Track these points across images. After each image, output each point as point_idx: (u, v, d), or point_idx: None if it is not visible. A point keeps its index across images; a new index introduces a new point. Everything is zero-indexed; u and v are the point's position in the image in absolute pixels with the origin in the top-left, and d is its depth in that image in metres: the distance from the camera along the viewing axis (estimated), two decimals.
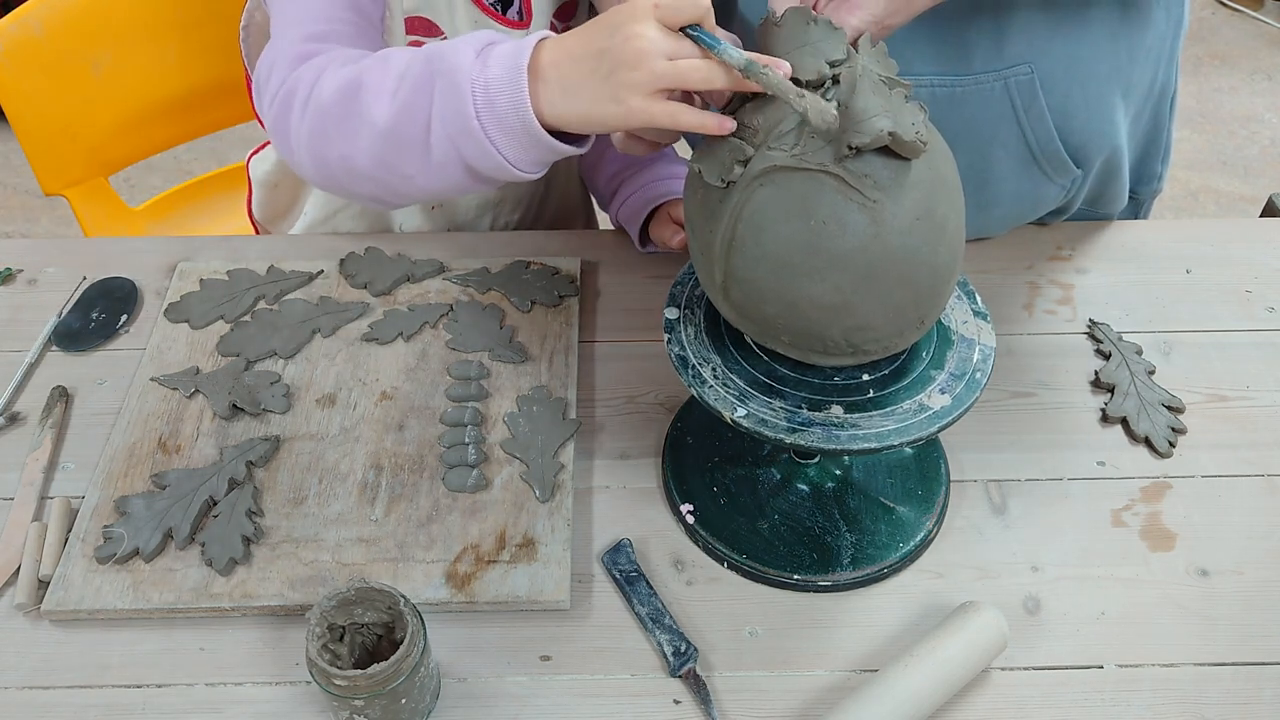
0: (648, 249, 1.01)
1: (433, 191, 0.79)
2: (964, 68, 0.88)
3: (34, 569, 0.77)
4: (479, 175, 0.74)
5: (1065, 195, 0.99)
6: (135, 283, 1.00)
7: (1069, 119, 0.92)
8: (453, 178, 0.75)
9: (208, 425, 0.87)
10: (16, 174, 2.40)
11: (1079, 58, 0.89)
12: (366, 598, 0.68)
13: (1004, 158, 0.93)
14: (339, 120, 0.76)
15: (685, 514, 0.80)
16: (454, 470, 0.83)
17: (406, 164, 0.75)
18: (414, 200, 0.82)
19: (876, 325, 0.66)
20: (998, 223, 1.01)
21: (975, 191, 0.95)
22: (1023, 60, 0.88)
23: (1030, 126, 0.91)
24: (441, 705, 0.71)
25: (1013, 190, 0.96)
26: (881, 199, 0.62)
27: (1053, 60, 0.88)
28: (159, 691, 0.72)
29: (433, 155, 0.74)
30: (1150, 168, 1.06)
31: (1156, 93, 0.99)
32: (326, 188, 0.85)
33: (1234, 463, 0.85)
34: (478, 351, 0.92)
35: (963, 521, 0.82)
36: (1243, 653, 0.74)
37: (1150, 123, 1.01)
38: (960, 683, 0.70)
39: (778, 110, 0.64)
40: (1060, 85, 0.90)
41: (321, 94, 0.77)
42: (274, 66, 0.83)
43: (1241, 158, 2.52)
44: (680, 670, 0.72)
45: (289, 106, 0.80)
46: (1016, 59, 0.88)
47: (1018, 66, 0.88)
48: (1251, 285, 1.00)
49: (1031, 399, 0.90)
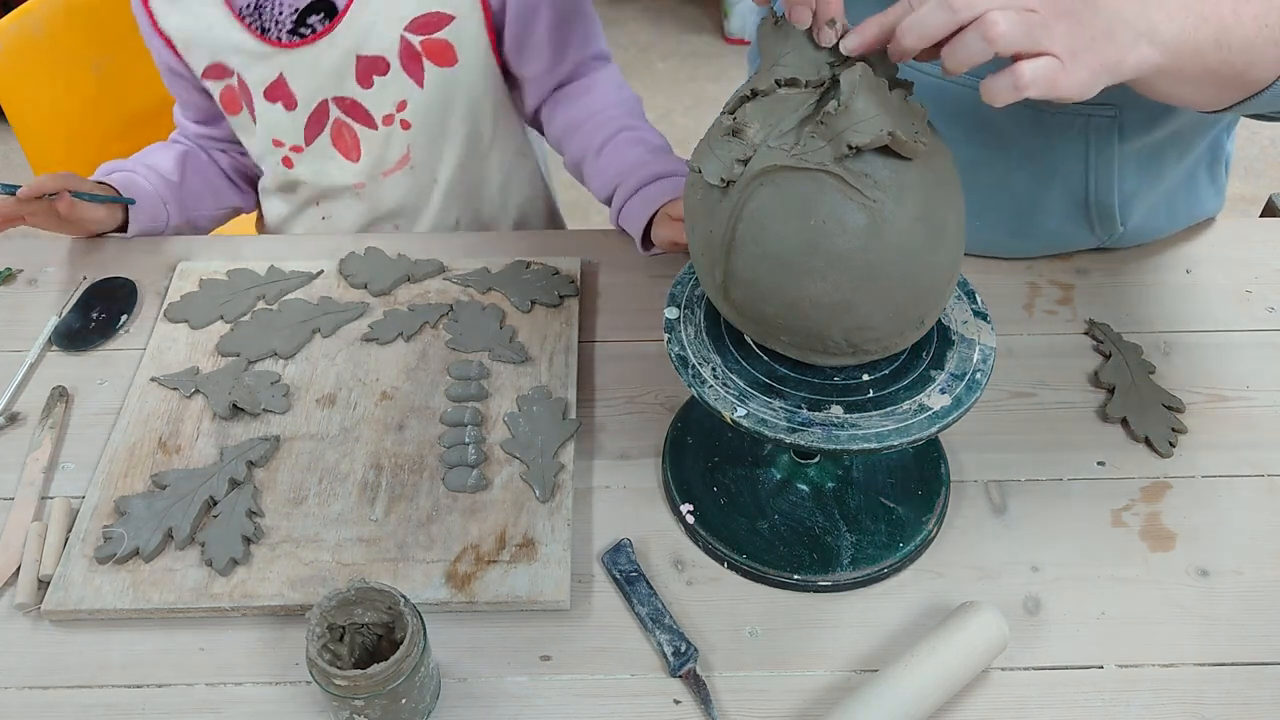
0: (650, 252, 1.01)
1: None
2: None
3: (34, 569, 0.77)
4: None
5: (1099, 244, 1.00)
6: (135, 283, 1.00)
7: (1128, 174, 0.92)
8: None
9: (208, 425, 0.87)
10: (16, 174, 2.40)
11: (1162, 115, 0.88)
12: (366, 598, 0.68)
13: (1060, 195, 0.93)
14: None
15: (685, 514, 0.80)
16: (454, 470, 0.83)
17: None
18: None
19: (876, 325, 0.66)
20: (1024, 251, 1.00)
21: (1017, 219, 0.95)
22: (1109, 102, 0.85)
23: (1095, 171, 0.90)
24: (441, 705, 0.71)
25: (1053, 230, 0.96)
26: (881, 199, 0.62)
27: (1139, 110, 0.87)
28: (159, 691, 0.72)
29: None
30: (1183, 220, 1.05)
31: (1222, 159, 1.00)
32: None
33: (1234, 463, 0.85)
34: (478, 351, 0.92)
35: (963, 521, 0.82)
36: (1243, 653, 0.74)
37: (1195, 185, 1.00)
38: (960, 683, 0.70)
39: (778, 110, 0.64)
40: (1137, 136, 0.89)
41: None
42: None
43: (1242, 158, 2.52)
44: (680, 670, 0.72)
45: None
46: (1104, 97, 0.86)
47: (1103, 107, 0.87)
48: (1251, 285, 1.00)
49: (1031, 399, 0.90)
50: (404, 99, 1.06)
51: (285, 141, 1.09)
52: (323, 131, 1.08)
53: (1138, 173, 0.92)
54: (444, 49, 1.04)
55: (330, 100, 1.06)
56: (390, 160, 1.10)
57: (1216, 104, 0.70)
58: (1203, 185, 1.00)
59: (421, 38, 1.03)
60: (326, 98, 1.06)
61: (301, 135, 1.08)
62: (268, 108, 1.06)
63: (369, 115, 1.07)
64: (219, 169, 1.19)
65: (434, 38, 1.03)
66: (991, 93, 0.59)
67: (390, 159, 1.10)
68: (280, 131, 1.08)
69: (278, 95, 1.06)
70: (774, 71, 0.65)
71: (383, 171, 1.11)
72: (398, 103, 1.06)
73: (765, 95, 0.65)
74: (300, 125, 1.08)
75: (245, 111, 1.08)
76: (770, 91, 0.65)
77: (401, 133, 1.08)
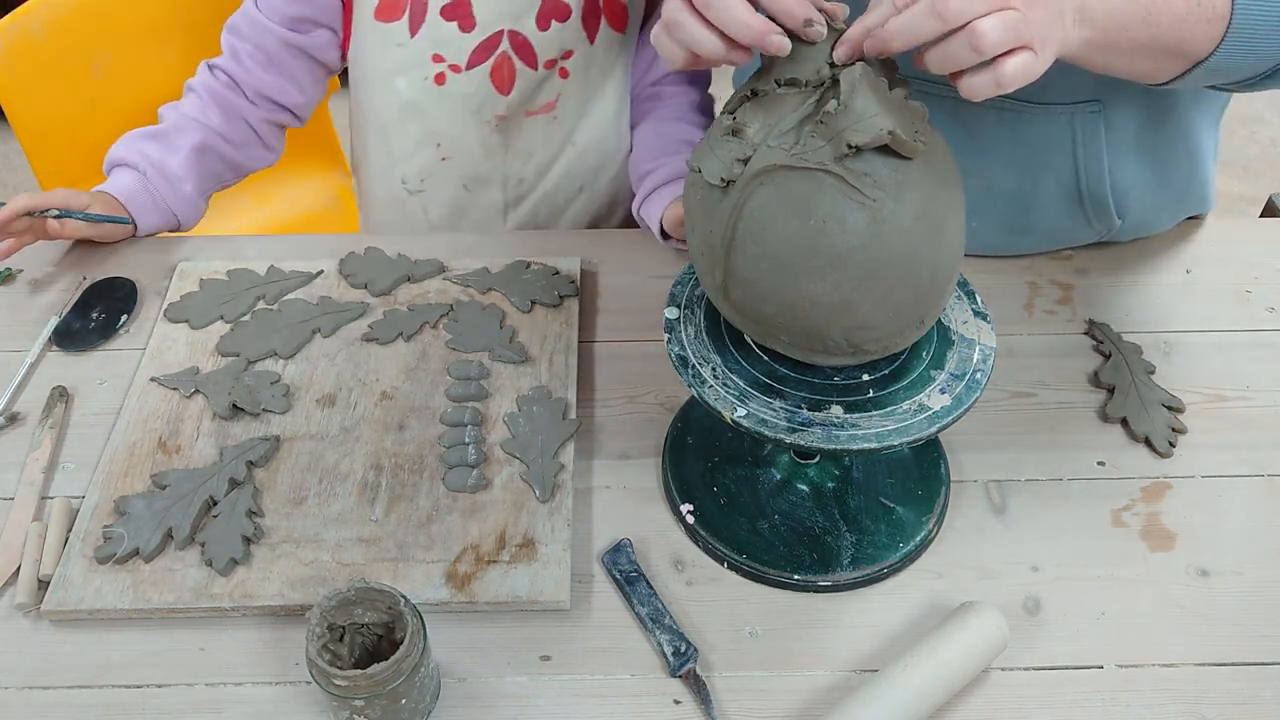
0: (669, 243, 1.02)
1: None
2: (1036, 94, 0.85)
3: (34, 569, 0.77)
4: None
5: (1098, 238, 1.00)
6: (135, 283, 1.00)
7: (1122, 167, 0.92)
8: None
9: (208, 425, 0.87)
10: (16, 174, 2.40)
11: (1149, 107, 0.89)
12: (366, 598, 0.68)
13: (1053, 189, 0.93)
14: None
15: (685, 514, 0.80)
16: (454, 470, 0.83)
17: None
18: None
19: (876, 325, 0.66)
20: (1024, 247, 1.01)
21: (1014, 216, 0.96)
22: (1094, 97, 0.87)
23: (1085, 165, 0.91)
24: (441, 705, 0.71)
25: (1049, 224, 0.97)
26: (881, 198, 0.62)
27: (1124, 103, 0.88)
28: (159, 691, 0.72)
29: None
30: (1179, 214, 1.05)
31: (1213, 150, 1.00)
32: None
33: (1234, 463, 0.85)
34: (478, 351, 0.92)
35: (963, 521, 0.82)
36: (1243, 653, 0.74)
37: (1193, 177, 1.00)
38: (960, 683, 0.70)
39: (778, 109, 0.64)
40: (1124, 130, 0.90)
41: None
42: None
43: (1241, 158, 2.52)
44: (680, 670, 0.72)
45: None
46: (1089, 94, 0.87)
47: (1088, 103, 0.88)
48: (1251, 285, 1.00)
49: (1031, 399, 0.90)
50: (572, 49, 1.05)
51: (447, 58, 1.05)
52: (488, 60, 1.05)
53: (1131, 166, 0.93)
54: (621, 11, 1.05)
55: (506, 32, 1.04)
56: (538, 103, 1.09)
57: (1158, 77, 0.74)
58: (1200, 176, 1.01)
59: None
60: (504, 29, 1.04)
61: (465, 58, 1.05)
62: (442, 24, 1.03)
63: (534, 55, 1.05)
64: (246, 133, 1.11)
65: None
66: (972, 90, 0.61)
67: (539, 101, 1.09)
68: (446, 49, 1.05)
69: (456, 14, 1.03)
70: (774, 71, 0.65)
71: (526, 111, 1.09)
72: (565, 51, 1.05)
73: (765, 95, 0.65)
74: (470, 48, 1.05)
75: (404, 20, 1.04)
76: (770, 91, 0.65)
77: (559, 80, 1.08)
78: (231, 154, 1.11)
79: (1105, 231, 0.98)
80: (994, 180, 0.93)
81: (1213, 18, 0.69)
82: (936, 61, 0.60)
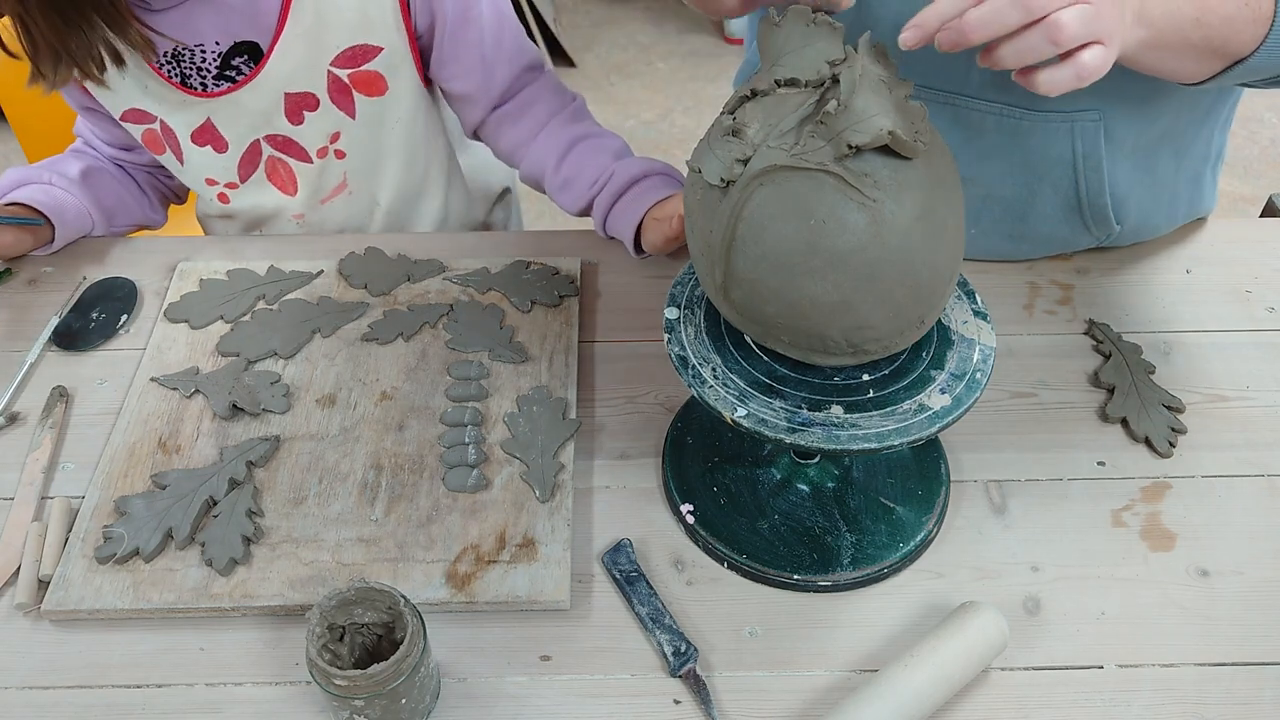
0: (644, 255, 1.01)
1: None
2: (1037, 102, 0.86)
3: (34, 569, 0.77)
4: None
5: (1096, 244, 1.00)
6: (135, 283, 1.00)
7: (1121, 174, 0.92)
8: None
9: (208, 425, 0.87)
10: None
11: (1148, 115, 0.89)
12: (366, 598, 0.68)
13: (1052, 197, 0.93)
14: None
15: (685, 514, 0.80)
16: (454, 470, 0.83)
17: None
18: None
19: (876, 324, 0.66)
20: (1022, 254, 1.00)
21: (1012, 223, 0.96)
22: (1094, 106, 0.87)
23: (1084, 174, 0.91)
24: (441, 705, 0.71)
25: (1048, 231, 0.97)
26: (881, 198, 0.62)
27: (1124, 112, 0.88)
28: (159, 691, 0.72)
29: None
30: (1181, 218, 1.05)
31: (1214, 155, 1.00)
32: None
33: (1234, 463, 0.85)
34: (478, 351, 0.92)
35: (963, 521, 0.82)
36: (1243, 653, 0.74)
37: (1193, 183, 1.00)
38: (960, 683, 0.70)
39: (778, 109, 0.64)
40: (1123, 138, 0.90)
41: None
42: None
43: (1241, 158, 2.52)
44: (680, 670, 0.72)
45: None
46: (1089, 103, 0.87)
47: (1087, 111, 0.87)
48: (1251, 285, 1.00)
49: (1031, 399, 0.90)
50: (337, 130, 1.04)
51: (219, 180, 1.07)
52: (257, 169, 1.06)
53: (1130, 173, 0.93)
54: (373, 79, 1.02)
55: (262, 139, 1.04)
56: (328, 188, 1.09)
57: (1198, 75, 0.74)
58: (1199, 182, 1.01)
59: (349, 71, 1.00)
60: (258, 137, 1.04)
61: (235, 174, 1.07)
62: (196, 151, 1.04)
63: (303, 150, 1.05)
64: (132, 184, 1.14)
65: (362, 70, 1.01)
66: (1053, 85, 0.61)
67: (327, 187, 1.09)
68: (213, 172, 1.06)
69: (206, 139, 1.03)
70: (774, 71, 0.65)
71: (321, 199, 1.10)
72: (331, 135, 1.04)
73: (765, 95, 0.65)
74: (233, 165, 1.06)
75: (170, 154, 1.06)
76: (770, 91, 0.65)
77: (337, 162, 1.07)
78: (121, 182, 1.13)
79: (1104, 238, 0.98)
80: (993, 187, 0.93)
81: (1259, 18, 0.70)
82: (1011, 55, 0.60)
